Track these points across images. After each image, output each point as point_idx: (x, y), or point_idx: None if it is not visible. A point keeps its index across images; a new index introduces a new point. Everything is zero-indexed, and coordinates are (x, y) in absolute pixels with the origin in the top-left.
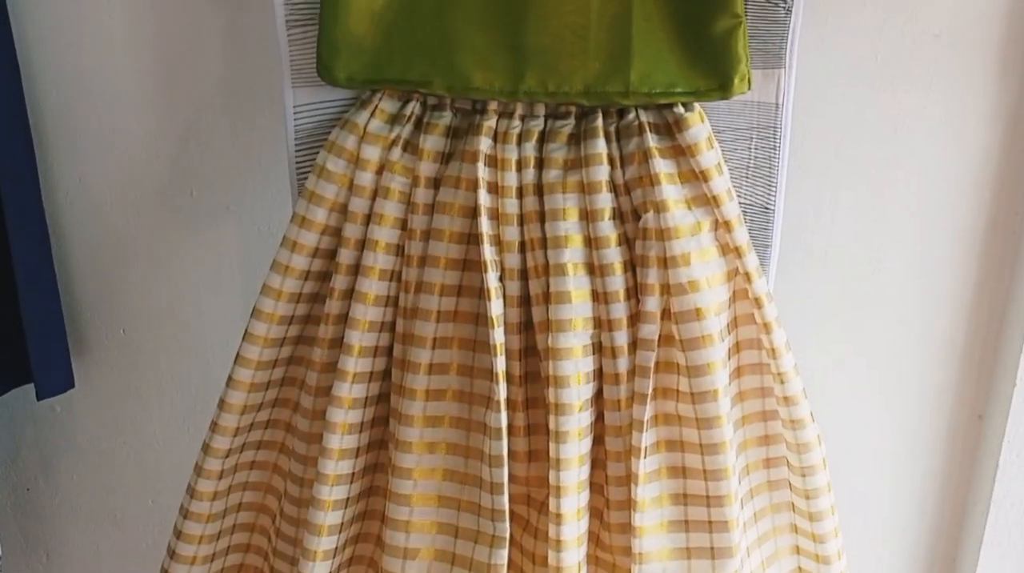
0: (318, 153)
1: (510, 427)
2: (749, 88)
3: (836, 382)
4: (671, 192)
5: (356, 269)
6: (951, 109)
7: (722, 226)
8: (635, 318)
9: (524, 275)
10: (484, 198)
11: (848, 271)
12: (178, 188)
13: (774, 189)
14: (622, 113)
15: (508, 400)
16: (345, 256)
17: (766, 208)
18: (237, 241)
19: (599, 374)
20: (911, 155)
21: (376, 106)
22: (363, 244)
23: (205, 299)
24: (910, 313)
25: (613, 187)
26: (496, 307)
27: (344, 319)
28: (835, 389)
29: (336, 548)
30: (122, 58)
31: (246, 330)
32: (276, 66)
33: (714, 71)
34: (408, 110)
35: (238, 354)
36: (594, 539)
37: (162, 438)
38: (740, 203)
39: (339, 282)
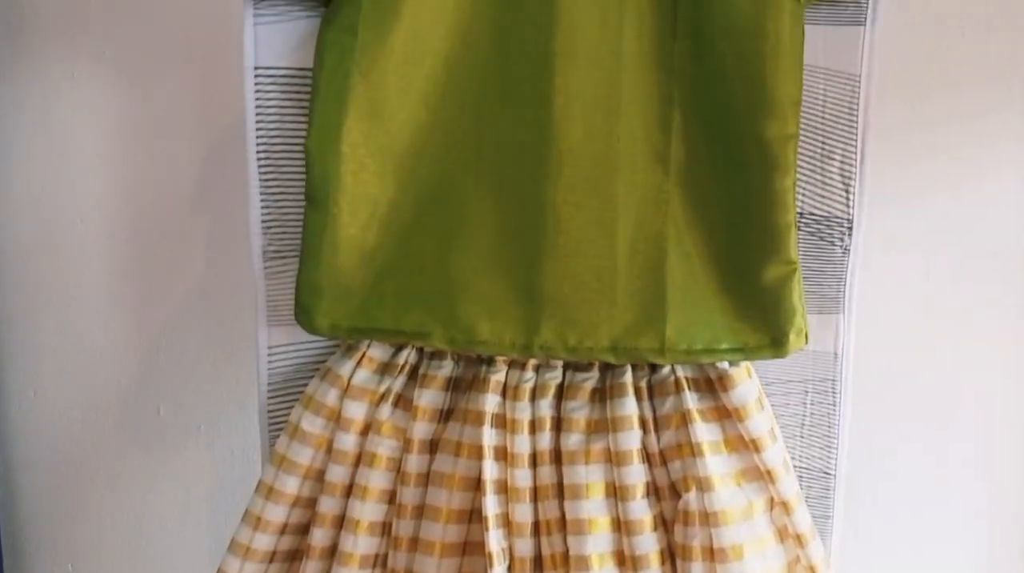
0: (293, 405)
1: None
2: (807, 343)
3: None
4: (716, 465)
5: (332, 551)
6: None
7: (779, 506)
8: None
9: (539, 565)
10: (490, 469)
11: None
12: (144, 405)
13: (834, 450)
14: (656, 365)
15: None
16: (319, 537)
17: (825, 473)
18: (207, 466)
19: None
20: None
21: (364, 354)
22: (342, 521)
23: (170, 531)
24: None
25: (646, 457)
26: None
27: None
28: None
29: None
30: (93, 261)
31: None
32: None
33: (765, 324)
34: (401, 358)
35: None
36: None
37: None
38: (795, 468)
39: (311, 568)
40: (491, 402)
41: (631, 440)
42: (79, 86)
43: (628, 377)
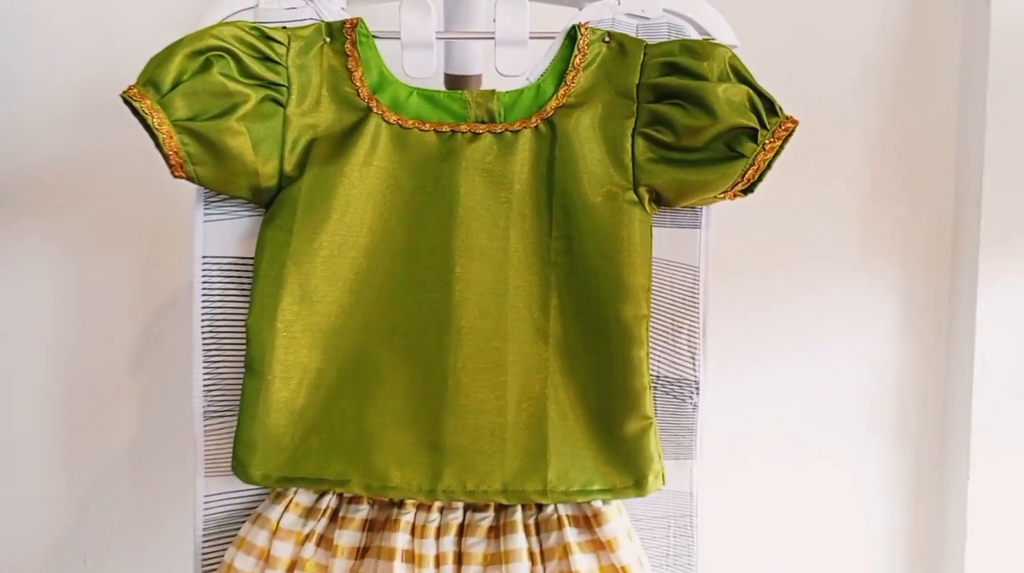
0: (227, 548)
1: None
2: (663, 484)
3: None
4: None
5: None
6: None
7: None
8: None
9: None
10: None
11: None
12: (70, 555)
13: None
14: (541, 505)
15: None
16: None
17: None
18: None
19: None
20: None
21: (291, 500)
22: None
23: None
24: None
25: None
26: None
27: None
28: None
29: None
30: (27, 417)
31: None
32: (192, 445)
33: (629, 469)
34: (324, 503)
35: None
36: None
37: None
38: None
39: None
40: (401, 540)
41: (522, 570)
42: (28, 259)
43: (519, 516)
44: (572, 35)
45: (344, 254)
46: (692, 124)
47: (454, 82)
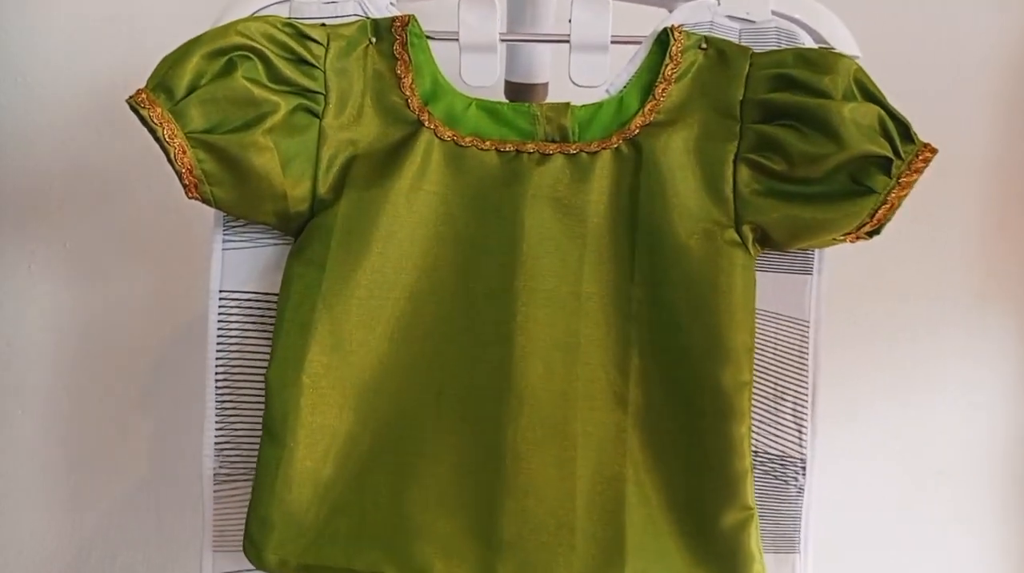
0: None
1: None
2: None
3: None
4: None
5: None
6: None
7: None
8: None
9: None
10: None
11: None
12: None
13: None
14: None
15: None
16: None
17: None
18: None
19: None
20: None
21: None
22: None
23: None
24: None
25: None
26: None
27: None
28: None
29: None
30: (29, 457)
31: None
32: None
33: (724, 570)
34: None
35: None
36: None
37: None
38: None
39: None
40: None
41: None
42: (35, 276)
43: None
44: (662, 40)
45: (385, 296)
46: (810, 150)
47: (515, 92)
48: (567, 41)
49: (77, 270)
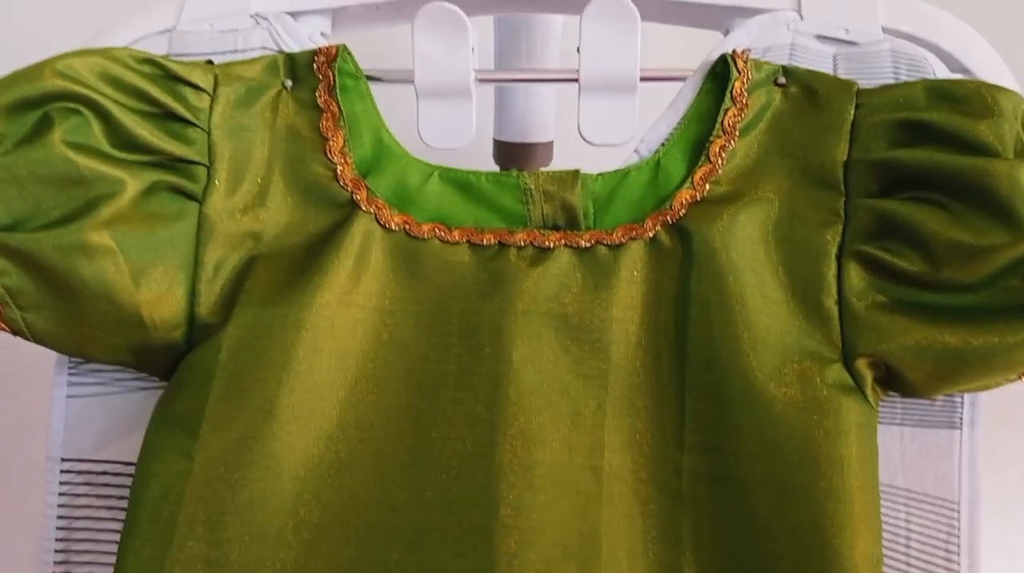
0: None
1: None
2: None
3: None
4: None
5: None
6: None
7: None
8: None
9: None
10: None
11: None
12: None
13: None
14: None
15: None
16: None
17: None
18: None
19: None
20: None
21: None
22: None
23: None
24: None
25: None
26: None
27: None
28: None
29: None
30: None
31: None
32: None
33: None
34: None
35: None
36: None
37: None
38: None
39: None
40: None
41: None
42: None
43: None
44: (719, 74)
45: (291, 478)
46: (964, 240)
47: (508, 156)
48: (575, 80)
49: None
